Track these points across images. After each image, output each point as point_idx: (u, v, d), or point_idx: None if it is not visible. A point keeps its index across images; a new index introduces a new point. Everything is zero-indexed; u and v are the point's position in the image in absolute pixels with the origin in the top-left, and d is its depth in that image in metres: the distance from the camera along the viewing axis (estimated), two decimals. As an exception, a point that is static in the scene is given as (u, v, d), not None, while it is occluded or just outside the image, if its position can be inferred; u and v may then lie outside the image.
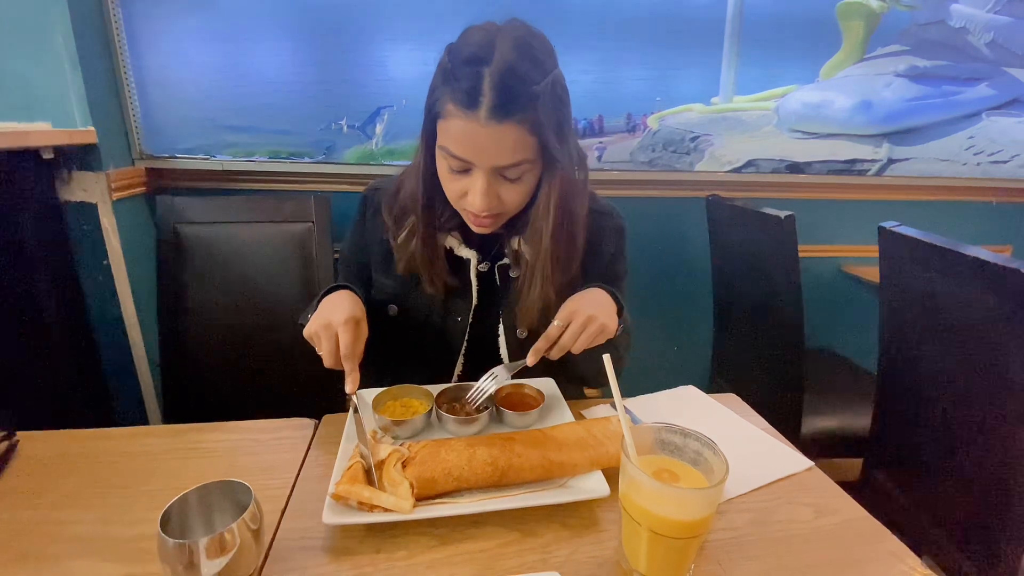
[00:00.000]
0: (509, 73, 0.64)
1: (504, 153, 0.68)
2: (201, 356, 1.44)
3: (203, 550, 0.46)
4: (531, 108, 0.66)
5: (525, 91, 0.65)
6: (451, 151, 0.69)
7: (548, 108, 0.67)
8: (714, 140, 1.75)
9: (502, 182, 0.72)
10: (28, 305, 1.26)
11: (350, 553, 0.56)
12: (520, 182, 0.72)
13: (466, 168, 0.71)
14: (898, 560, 0.58)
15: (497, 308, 0.87)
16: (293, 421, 0.80)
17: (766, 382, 1.52)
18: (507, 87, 0.64)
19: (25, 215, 1.25)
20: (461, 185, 0.73)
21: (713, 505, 0.50)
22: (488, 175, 0.70)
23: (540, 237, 0.77)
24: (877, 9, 1.70)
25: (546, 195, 0.74)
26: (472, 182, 0.71)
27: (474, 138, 0.67)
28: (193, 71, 1.49)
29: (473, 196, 0.71)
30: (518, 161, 0.69)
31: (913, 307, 1.10)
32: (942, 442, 1.05)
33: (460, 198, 0.75)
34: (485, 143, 0.67)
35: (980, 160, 1.89)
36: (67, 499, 0.64)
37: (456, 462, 0.62)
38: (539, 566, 0.55)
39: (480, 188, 0.70)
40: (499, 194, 0.72)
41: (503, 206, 0.74)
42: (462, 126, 0.66)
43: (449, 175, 0.73)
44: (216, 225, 1.45)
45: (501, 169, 0.70)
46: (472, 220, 0.77)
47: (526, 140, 0.68)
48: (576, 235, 0.80)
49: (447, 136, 0.69)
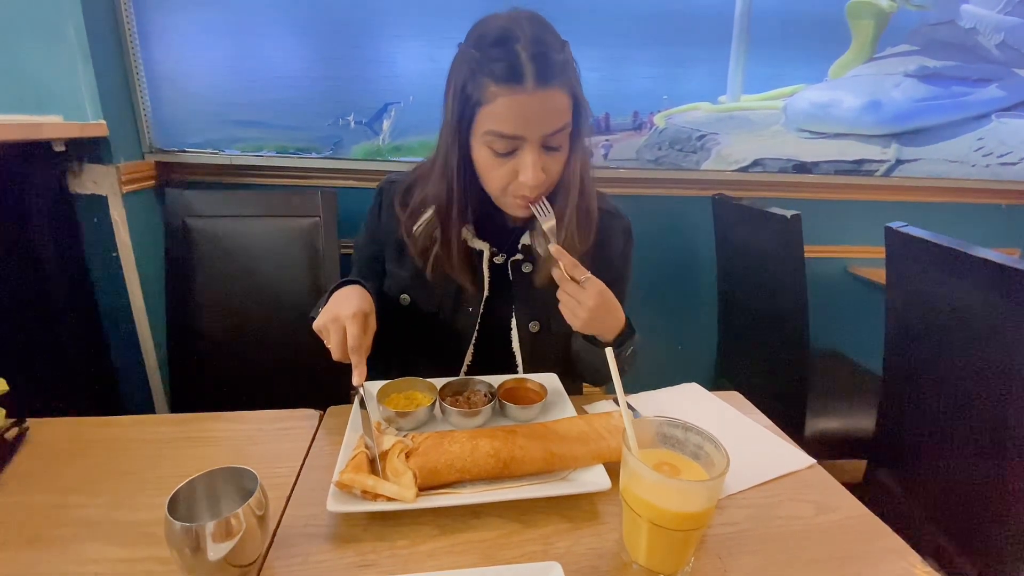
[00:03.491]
0: (539, 43, 0.69)
1: (552, 118, 0.72)
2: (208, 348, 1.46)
3: (209, 534, 0.47)
4: (565, 71, 0.71)
5: (556, 57, 0.70)
6: (501, 132, 0.71)
7: (574, 72, 0.74)
8: (721, 139, 1.75)
9: (546, 154, 0.74)
10: (38, 296, 1.28)
11: (353, 541, 0.57)
12: (560, 152, 0.76)
13: (513, 149, 0.73)
14: (898, 557, 0.58)
15: (509, 301, 0.88)
16: (299, 412, 0.81)
17: (770, 382, 1.52)
18: (543, 55, 0.69)
19: (36, 207, 1.26)
20: (507, 169, 0.74)
21: (713, 498, 0.50)
22: (537, 147, 0.73)
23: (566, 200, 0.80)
24: (887, 9, 1.69)
25: (575, 160, 0.78)
26: (521, 160, 0.73)
27: (525, 109, 0.70)
28: (203, 66, 1.50)
29: (525, 173, 0.73)
30: (563, 125, 0.73)
31: (919, 308, 1.09)
32: (947, 444, 1.04)
33: (508, 183, 0.76)
34: (536, 111, 0.70)
35: (989, 162, 1.87)
36: (76, 484, 0.65)
37: (459, 453, 0.63)
38: (540, 557, 0.55)
39: (531, 162, 0.72)
40: (545, 167, 0.75)
41: (549, 180, 0.76)
42: (510, 102, 0.69)
43: (493, 162, 0.75)
44: (224, 219, 1.46)
45: (548, 137, 0.73)
46: (520, 204, 0.78)
47: (566, 103, 0.73)
48: (591, 208, 0.83)
49: (494, 118, 0.71)
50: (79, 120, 1.31)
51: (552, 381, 0.84)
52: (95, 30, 1.31)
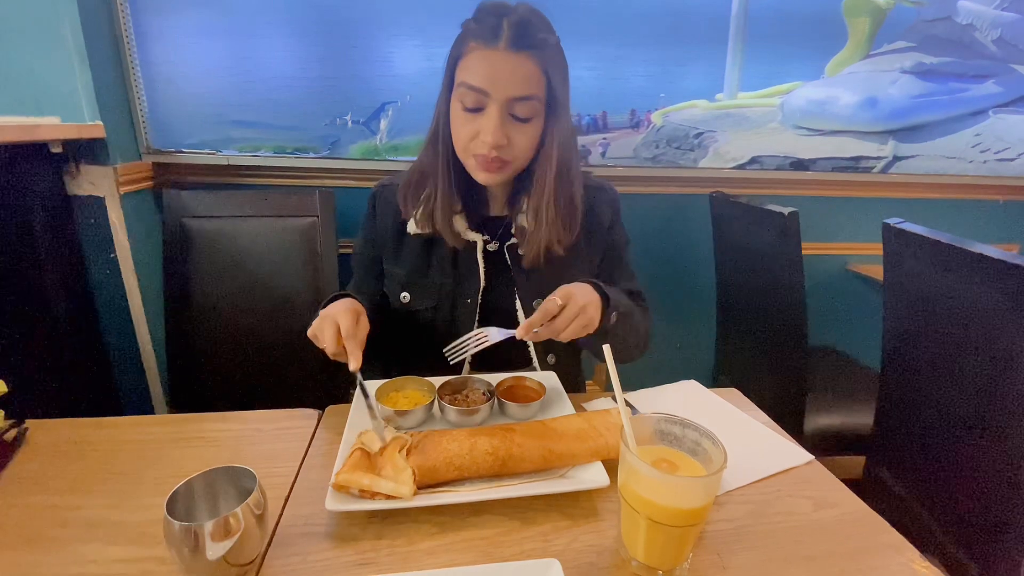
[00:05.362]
0: (526, 20, 0.76)
1: (519, 83, 0.76)
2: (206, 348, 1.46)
3: (208, 534, 0.47)
4: (544, 48, 0.76)
5: (538, 34, 0.76)
6: (470, 83, 0.76)
7: (556, 57, 0.78)
8: (718, 136, 1.75)
9: (512, 122, 0.78)
10: (36, 297, 1.28)
11: (352, 539, 0.57)
12: (528, 125, 0.78)
13: (480, 106, 0.77)
14: (896, 552, 0.58)
15: (510, 284, 0.90)
16: (297, 412, 0.81)
17: (769, 380, 1.52)
18: (524, 26, 0.75)
19: (34, 208, 1.26)
20: (473, 126, 0.78)
21: (711, 494, 0.51)
22: (501, 108, 0.76)
23: (544, 182, 0.83)
24: (883, 5, 1.69)
25: (549, 144, 0.81)
26: (485, 120, 0.77)
27: (494, 66, 0.75)
28: (200, 66, 1.50)
29: (485, 132, 0.77)
30: (530, 94, 0.76)
31: (917, 304, 1.09)
32: (945, 440, 1.05)
33: (471, 141, 0.79)
34: (504, 71, 0.75)
35: (987, 158, 1.87)
36: (75, 485, 0.65)
37: (458, 451, 0.63)
38: (539, 554, 0.55)
39: (493, 121, 0.76)
40: (509, 135, 0.78)
41: (511, 150, 0.79)
42: (481, 55, 0.75)
43: (462, 117, 0.79)
44: (222, 219, 1.46)
45: (514, 102, 0.76)
46: (480, 164, 0.81)
47: (538, 76, 0.77)
48: (574, 195, 0.86)
49: (467, 71, 0.77)
50: (76, 121, 1.31)
51: (551, 379, 0.84)
52: (92, 31, 1.31)
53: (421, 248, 0.91)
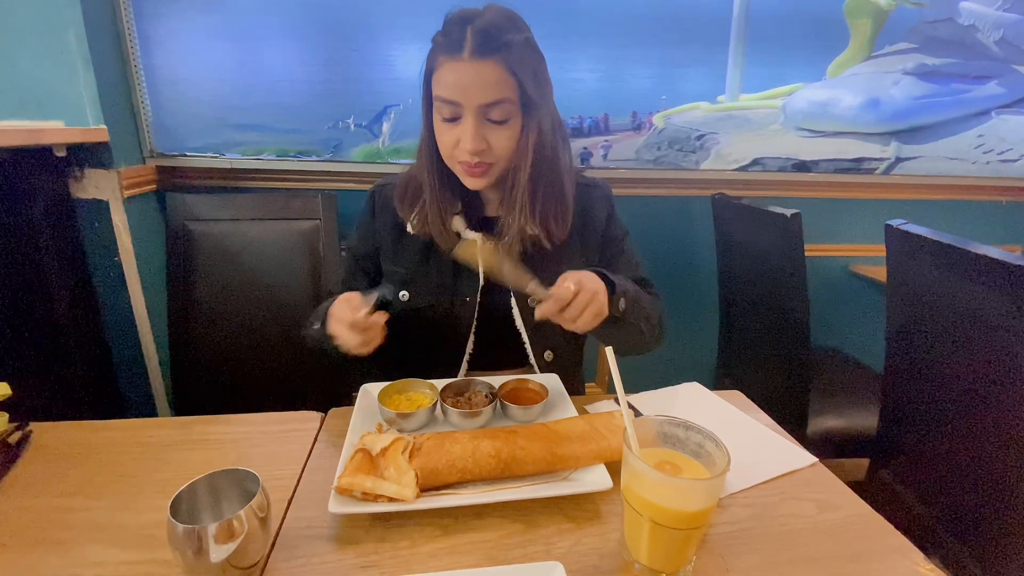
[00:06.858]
0: (489, 26, 0.76)
1: (487, 89, 0.77)
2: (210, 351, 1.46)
3: (212, 536, 0.47)
4: (508, 50, 0.76)
5: (502, 38, 0.76)
6: (443, 96, 0.78)
7: (523, 55, 0.78)
8: (720, 138, 1.75)
9: (489, 126, 0.79)
10: (41, 300, 1.28)
11: (355, 542, 0.57)
12: (506, 126, 0.80)
13: (456, 116, 0.79)
14: (902, 555, 0.58)
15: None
16: (300, 414, 0.81)
17: (772, 381, 1.52)
18: (487, 33, 0.76)
19: (38, 212, 1.27)
20: (453, 135, 0.80)
21: (714, 496, 0.50)
22: (476, 116, 0.78)
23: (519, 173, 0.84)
24: (885, 6, 1.69)
25: (525, 137, 0.82)
26: (462, 127, 0.79)
27: (461, 76, 0.76)
28: (203, 70, 1.51)
29: (464, 139, 0.79)
30: (500, 98, 0.77)
31: (920, 306, 1.09)
32: (949, 442, 1.04)
33: (453, 149, 0.81)
34: (471, 80, 0.76)
35: (989, 159, 1.87)
36: (79, 487, 0.65)
37: (460, 454, 0.63)
38: (542, 557, 0.55)
39: (469, 129, 0.78)
40: (487, 138, 0.80)
41: (492, 153, 0.81)
42: (450, 68, 0.77)
43: (442, 127, 0.81)
44: (225, 222, 1.47)
45: (487, 108, 0.78)
46: (465, 170, 0.83)
47: (507, 80, 0.77)
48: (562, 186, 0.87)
49: (439, 84, 0.79)
50: (80, 125, 1.32)
51: (553, 381, 0.84)
52: (95, 35, 1.32)
53: (420, 247, 0.92)
